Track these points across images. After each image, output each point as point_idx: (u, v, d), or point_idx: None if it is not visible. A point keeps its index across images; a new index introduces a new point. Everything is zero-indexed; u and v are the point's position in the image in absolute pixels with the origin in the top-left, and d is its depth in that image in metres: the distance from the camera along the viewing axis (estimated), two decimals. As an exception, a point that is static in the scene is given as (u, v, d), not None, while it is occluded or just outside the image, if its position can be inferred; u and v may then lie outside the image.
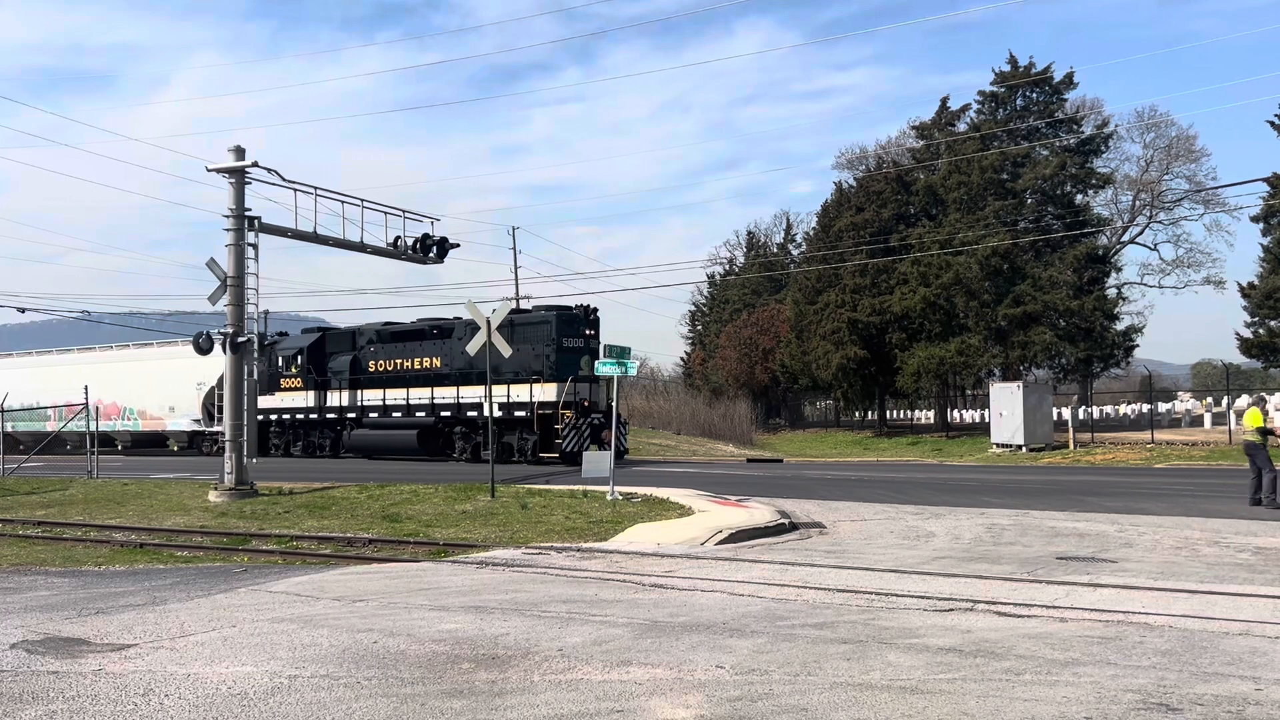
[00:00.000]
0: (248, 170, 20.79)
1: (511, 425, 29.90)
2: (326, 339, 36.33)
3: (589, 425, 28.76)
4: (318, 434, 35.88)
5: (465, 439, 31.49)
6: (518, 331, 29.21)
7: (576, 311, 30.75)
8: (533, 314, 31.25)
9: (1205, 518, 15.19)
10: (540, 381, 29.03)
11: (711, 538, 13.58)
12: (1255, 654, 6.97)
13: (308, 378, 35.63)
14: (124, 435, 43.09)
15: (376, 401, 33.70)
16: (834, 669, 6.67)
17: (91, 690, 6.40)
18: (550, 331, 29.53)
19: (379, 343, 34.05)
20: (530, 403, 29.21)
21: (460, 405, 31.25)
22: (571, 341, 29.58)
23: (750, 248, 64.38)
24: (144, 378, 41.20)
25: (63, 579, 12.08)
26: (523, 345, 28.84)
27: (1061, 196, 47.29)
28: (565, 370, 28.95)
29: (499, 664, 6.92)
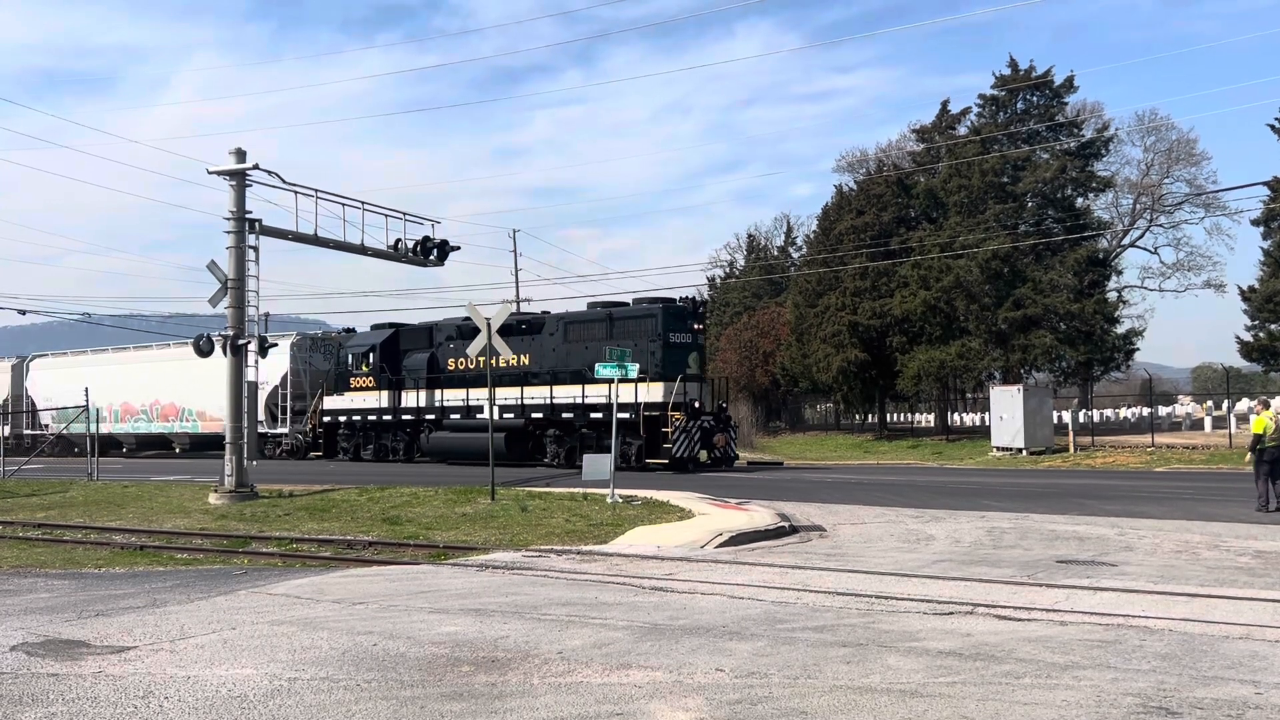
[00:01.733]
0: (248, 173, 20.81)
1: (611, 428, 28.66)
2: (400, 335, 34.14)
3: (699, 429, 26.80)
4: (391, 437, 33.77)
5: (559, 442, 29.28)
6: (617, 325, 27.87)
7: (683, 304, 28.74)
8: (634, 307, 28.97)
9: (1205, 521, 15.19)
10: (645, 380, 26.21)
11: (711, 540, 13.57)
12: (1255, 658, 6.97)
13: (381, 376, 33.55)
14: (182, 438, 41.90)
15: (458, 402, 31.52)
16: (834, 672, 6.67)
17: (91, 692, 6.40)
18: (655, 326, 27.37)
19: (460, 339, 31.51)
20: (635, 404, 26.60)
21: (554, 406, 28.99)
22: (678, 336, 27.49)
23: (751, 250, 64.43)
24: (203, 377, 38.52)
25: (63, 581, 12.08)
26: (623, 340, 27.00)
27: (1062, 200, 47.29)
28: (672, 368, 26.95)
29: (499, 667, 6.92)
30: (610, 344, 26.55)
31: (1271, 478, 16.63)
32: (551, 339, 29.12)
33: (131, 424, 42.83)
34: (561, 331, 29.15)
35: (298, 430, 37.08)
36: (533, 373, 29.48)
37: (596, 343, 27.72)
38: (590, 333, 28.58)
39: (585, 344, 28.31)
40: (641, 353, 26.51)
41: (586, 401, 27.85)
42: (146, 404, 42.11)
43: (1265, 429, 16.73)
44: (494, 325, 19.76)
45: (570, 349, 28.77)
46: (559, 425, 29.07)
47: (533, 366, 29.60)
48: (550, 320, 29.96)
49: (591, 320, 28.86)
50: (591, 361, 26.51)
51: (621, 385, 25.83)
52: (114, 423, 42.60)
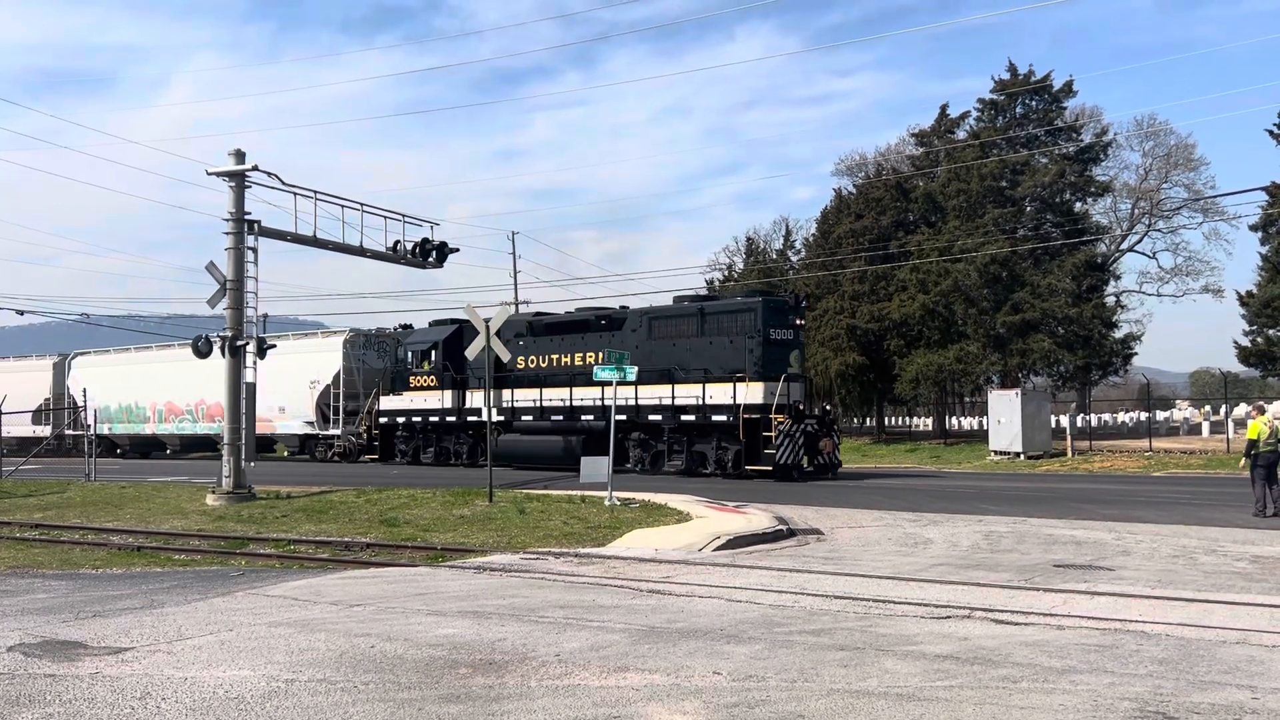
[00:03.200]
0: (247, 174, 20.80)
1: (705, 432, 25.91)
2: (464, 332, 31.43)
3: (802, 433, 24.90)
4: (454, 439, 31.93)
5: (643, 446, 27.34)
6: (709, 321, 26.15)
7: (785, 298, 27.09)
8: (730, 300, 27.18)
9: (1202, 526, 15.20)
10: (745, 380, 24.74)
11: (709, 543, 13.57)
12: (1252, 663, 6.98)
13: (444, 375, 31.64)
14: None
15: (529, 403, 29.52)
16: (831, 676, 6.68)
17: (88, 694, 6.40)
18: (755, 321, 25.30)
19: (530, 336, 29.98)
20: (734, 405, 24.90)
21: (639, 408, 26.85)
22: (780, 333, 25.47)
23: (749, 253, 64.39)
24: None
25: (60, 582, 12.07)
26: (717, 337, 25.62)
27: (1060, 204, 47.33)
28: (773, 367, 24.94)
29: (496, 669, 6.91)
30: (701, 341, 25.79)
31: (1268, 482, 16.67)
32: (633, 336, 27.22)
33: (176, 425, 41.13)
34: (645, 328, 27.31)
35: (350, 432, 35.47)
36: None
37: (685, 339, 26.32)
38: (678, 329, 26.80)
39: (672, 341, 26.61)
40: (739, 350, 25.28)
41: (676, 403, 26.07)
42: (191, 404, 40.25)
43: (1260, 434, 16.80)
44: (493, 328, 19.70)
45: (655, 346, 26.92)
46: (644, 428, 27.12)
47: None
48: (632, 315, 28.12)
49: (679, 315, 27.14)
50: (681, 361, 25.77)
51: (718, 385, 25.10)
52: (158, 423, 40.98)
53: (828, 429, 26.09)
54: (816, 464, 25.34)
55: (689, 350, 25.77)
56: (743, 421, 24.68)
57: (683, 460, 26.02)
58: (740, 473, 24.80)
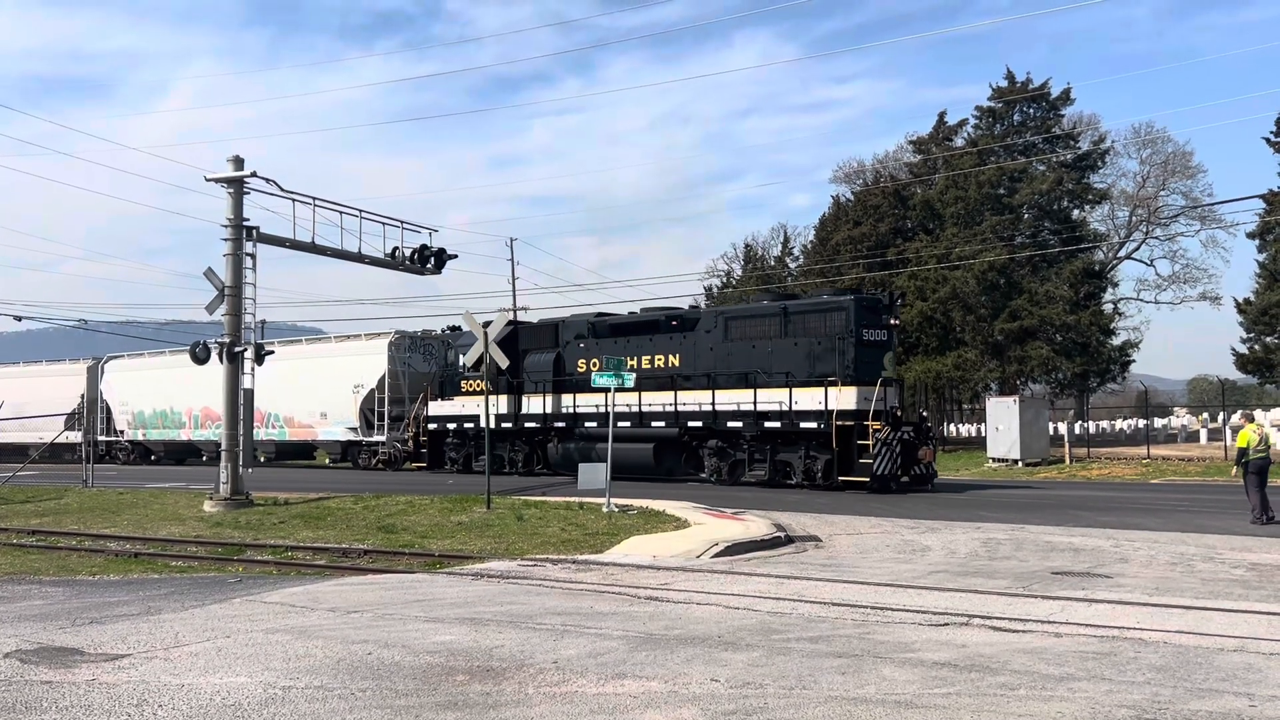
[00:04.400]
0: (246, 180, 20.83)
1: (790, 440, 24.23)
2: (519, 334, 30.24)
3: (899, 441, 23.35)
4: (509, 446, 30.10)
5: (721, 456, 25.61)
6: (794, 321, 24.53)
7: (879, 296, 25.62)
8: (817, 299, 25.55)
9: (1200, 533, 15.20)
10: (837, 384, 23.15)
11: (707, 550, 13.56)
12: (1250, 670, 6.98)
13: (498, 380, 29.54)
14: (268, 445, 38.56)
15: (592, 408, 27.44)
16: (829, 683, 6.67)
17: (85, 700, 6.39)
18: (847, 321, 23.66)
19: (592, 337, 28.33)
20: (825, 411, 23.23)
21: (716, 413, 25.24)
22: (873, 334, 23.88)
23: (748, 260, 64.45)
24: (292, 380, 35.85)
25: (57, 588, 12.06)
26: (802, 338, 24.12)
27: (1058, 212, 47.45)
28: (866, 371, 23.39)
29: (494, 676, 6.91)
30: (785, 342, 24.37)
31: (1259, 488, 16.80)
32: (708, 337, 25.80)
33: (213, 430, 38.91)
34: (721, 328, 25.80)
35: (395, 438, 34.11)
36: (684, 375, 26.05)
37: (767, 341, 24.79)
38: (759, 329, 25.21)
39: (752, 342, 25.09)
40: (828, 352, 23.70)
41: (759, 408, 24.36)
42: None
43: (1249, 441, 17.01)
44: (491, 335, 19.70)
45: (733, 348, 25.41)
46: (722, 435, 25.47)
47: (684, 368, 26.13)
48: (706, 316, 26.75)
49: (760, 315, 25.61)
50: (762, 363, 24.52)
51: (806, 390, 23.48)
52: (194, 429, 39.36)
53: (924, 437, 24.78)
54: (913, 474, 23.80)
55: (771, 352, 24.48)
56: (836, 429, 23.05)
57: (765, 470, 24.49)
58: (831, 484, 23.36)
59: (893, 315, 24.66)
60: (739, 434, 24.99)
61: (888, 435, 22.80)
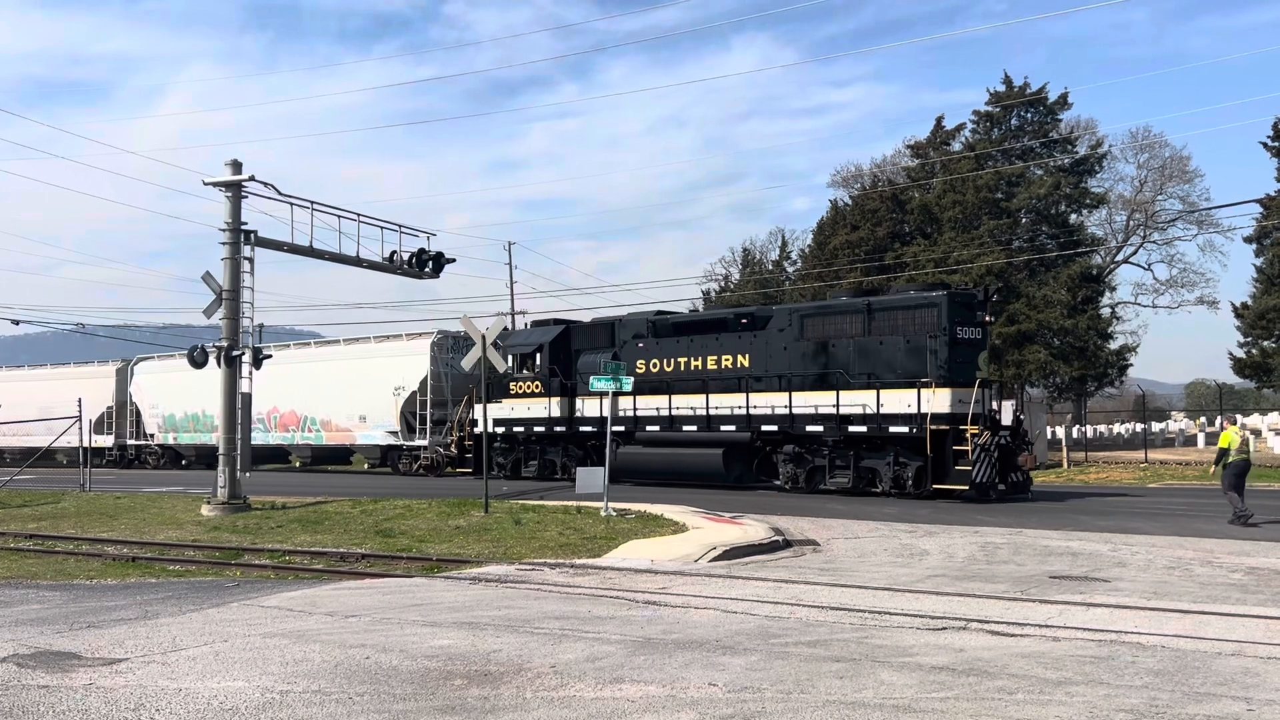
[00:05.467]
0: (244, 184, 20.84)
1: (877, 445, 22.76)
2: (573, 333, 29.14)
3: (996, 446, 21.76)
4: (561, 451, 28.87)
5: (797, 461, 24.07)
6: (879, 318, 22.94)
7: (973, 291, 24.10)
8: (904, 295, 23.83)
9: (1198, 537, 15.22)
10: (931, 386, 21.62)
11: (705, 555, 13.56)
12: (1248, 674, 6.98)
13: (551, 381, 28.46)
14: (302, 450, 37.48)
15: (653, 411, 26.29)
16: (827, 687, 6.67)
17: (82, 705, 6.38)
18: (939, 318, 22.00)
19: (653, 337, 26.96)
20: (918, 415, 21.69)
21: (794, 417, 23.67)
22: (967, 332, 22.26)
23: (745, 264, 64.50)
24: (329, 381, 34.95)
25: (54, 592, 12.04)
26: (889, 337, 22.60)
27: (1056, 216, 47.50)
28: (961, 372, 21.85)
29: (491, 680, 6.90)
30: (869, 341, 22.89)
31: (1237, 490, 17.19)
32: (782, 335, 24.36)
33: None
34: (796, 326, 24.31)
35: (438, 443, 32.66)
36: (755, 376, 24.58)
37: (848, 340, 23.31)
38: (839, 328, 23.66)
39: (831, 341, 23.59)
40: (918, 351, 22.11)
41: (842, 411, 22.83)
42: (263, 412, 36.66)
43: (1231, 443, 17.32)
44: (489, 338, 19.69)
45: (809, 348, 23.96)
46: (799, 440, 23.99)
47: (754, 369, 24.64)
48: (780, 313, 25.11)
49: (841, 312, 24.02)
50: (843, 364, 23.06)
51: (895, 392, 22.10)
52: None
53: (1021, 442, 23.12)
54: (1009, 482, 22.16)
55: (853, 352, 23.02)
56: (930, 433, 21.53)
57: (848, 477, 23.08)
58: (923, 493, 21.82)
59: (987, 312, 23.30)
60: (819, 439, 23.55)
61: (987, 440, 21.39)
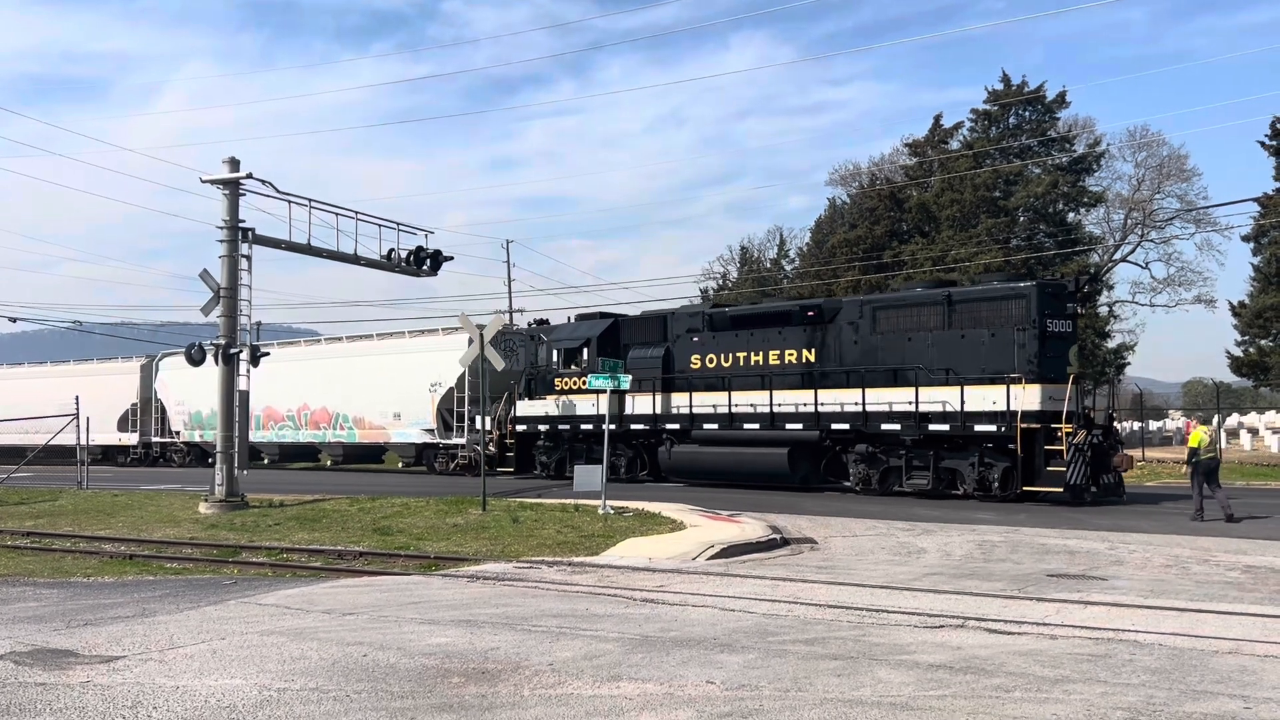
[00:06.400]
0: (242, 181, 20.81)
1: (959, 445, 21.34)
2: (621, 327, 27.84)
3: (1089, 445, 20.29)
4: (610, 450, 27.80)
5: (870, 462, 22.60)
6: (960, 310, 21.52)
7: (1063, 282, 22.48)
8: (991, 286, 22.27)
9: (1195, 536, 15.23)
10: (1020, 382, 20.18)
11: (703, 552, 13.57)
12: (1244, 673, 6.99)
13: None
14: (334, 448, 36.23)
15: (710, 408, 24.97)
16: (824, 685, 6.68)
17: (79, 702, 6.38)
18: (1028, 310, 20.57)
19: (708, 330, 25.70)
20: (1007, 413, 20.28)
21: (867, 415, 22.27)
22: (1058, 324, 20.86)
23: (744, 263, 64.55)
24: (362, 378, 33.88)
25: (51, 590, 12.03)
26: (971, 330, 21.25)
27: (1054, 215, 47.53)
28: (1051, 367, 20.50)
29: (489, 678, 6.90)
30: (949, 335, 21.43)
31: (1210, 486, 17.62)
32: (851, 329, 23.05)
33: (276, 432, 37.10)
34: (868, 319, 22.89)
35: (475, 441, 30.82)
36: (823, 372, 23.27)
37: (925, 333, 21.83)
38: (915, 320, 22.25)
39: (907, 335, 22.15)
40: (1003, 345, 20.68)
41: (922, 409, 21.45)
42: (293, 409, 36.26)
43: (1200, 442, 17.62)
44: (487, 336, 19.68)
45: (882, 342, 22.55)
46: (873, 439, 22.59)
47: (821, 364, 23.35)
48: (849, 306, 23.78)
49: (918, 305, 22.48)
50: (920, 359, 21.61)
51: (980, 389, 20.71)
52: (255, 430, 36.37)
53: (1115, 441, 21.66)
54: (1101, 484, 20.70)
55: (931, 346, 21.69)
56: (1020, 432, 20.10)
57: (927, 479, 21.64)
58: (1010, 495, 20.55)
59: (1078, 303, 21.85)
60: (896, 438, 22.18)
61: (1082, 440, 20.02)
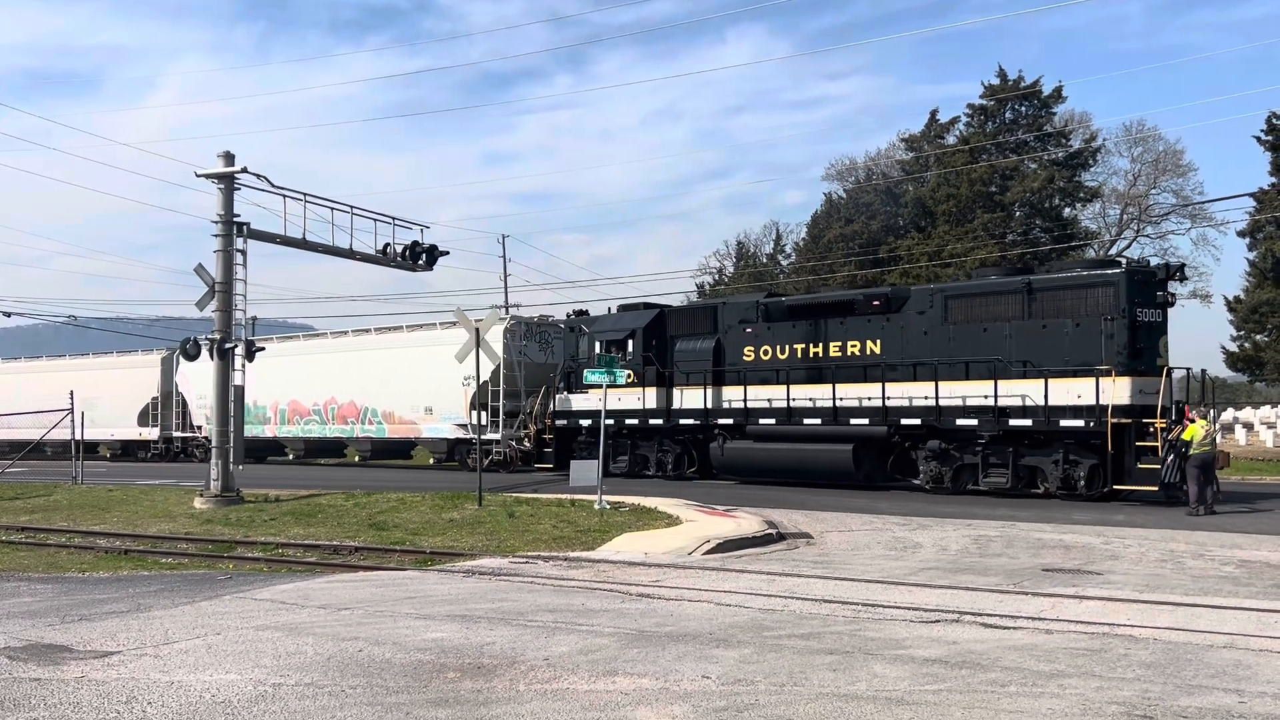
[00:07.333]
0: (236, 176, 20.76)
1: (1041, 441, 20.13)
2: (667, 318, 26.61)
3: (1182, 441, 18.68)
4: (656, 446, 26.25)
5: (942, 459, 21.29)
6: (1041, 299, 20.21)
7: (1153, 268, 20.88)
8: (1074, 273, 20.87)
9: (1190, 530, 15.26)
10: (1110, 375, 18.94)
11: (699, 547, 13.57)
12: (1239, 667, 7.00)
13: (646, 370, 25.79)
14: (362, 443, 35.27)
15: (765, 402, 23.74)
16: (820, 680, 6.68)
17: (74, 698, 6.37)
18: (1116, 298, 19.32)
19: (763, 321, 24.36)
20: (1096, 407, 19.03)
21: (940, 409, 20.96)
22: (1148, 314, 19.67)
23: (740, 258, 64.53)
24: (393, 371, 32.85)
25: (46, 585, 12.01)
26: (1053, 320, 19.90)
27: (1050, 210, 47.57)
28: (1142, 358, 19.36)
29: (485, 673, 6.90)
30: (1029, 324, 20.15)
31: (1206, 480, 17.47)
32: (922, 319, 21.73)
33: (301, 426, 35.97)
34: (940, 308, 21.55)
35: (511, 436, 30.28)
36: (890, 364, 21.92)
37: (1003, 323, 20.54)
38: (991, 309, 20.90)
39: (982, 325, 20.85)
40: (1089, 335, 19.44)
41: (1001, 403, 20.21)
42: (320, 403, 35.14)
43: (1195, 435, 17.55)
44: (483, 332, 19.65)
45: (955, 332, 21.20)
46: (946, 435, 21.26)
47: (888, 356, 22.00)
48: (919, 294, 22.40)
49: (994, 293, 21.06)
50: (998, 349, 20.35)
51: (1068, 382, 19.48)
52: (280, 424, 36.14)
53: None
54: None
55: (1008, 337, 20.44)
56: (1110, 427, 18.84)
57: (1005, 477, 20.38)
58: (1097, 494, 19.39)
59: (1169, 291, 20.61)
60: (971, 434, 20.90)
61: (1176, 435, 18.63)
